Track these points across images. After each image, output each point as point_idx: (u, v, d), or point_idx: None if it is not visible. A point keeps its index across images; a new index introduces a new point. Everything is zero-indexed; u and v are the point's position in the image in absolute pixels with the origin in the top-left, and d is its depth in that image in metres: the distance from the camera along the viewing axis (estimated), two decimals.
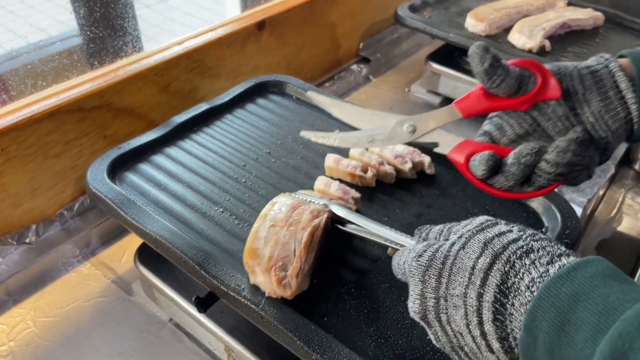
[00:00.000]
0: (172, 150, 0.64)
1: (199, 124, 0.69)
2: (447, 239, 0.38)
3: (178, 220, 0.55)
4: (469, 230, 0.36)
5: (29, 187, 0.63)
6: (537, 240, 0.34)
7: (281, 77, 0.77)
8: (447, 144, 0.47)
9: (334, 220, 0.50)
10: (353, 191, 0.57)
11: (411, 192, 0.60)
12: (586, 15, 0.99)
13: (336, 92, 1.02)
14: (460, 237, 0.36)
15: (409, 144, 0.65)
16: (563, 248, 0.34)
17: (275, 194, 0.57)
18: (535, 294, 0.30)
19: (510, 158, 0.42)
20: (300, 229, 0.47)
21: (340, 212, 0.50)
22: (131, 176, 0.60)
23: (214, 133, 0.68)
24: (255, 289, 0.46)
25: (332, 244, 0.52)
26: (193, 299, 0.48)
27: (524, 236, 0.34)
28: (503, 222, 0.37)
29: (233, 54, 0.81)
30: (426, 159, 0.62)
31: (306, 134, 0.52)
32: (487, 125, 0.48)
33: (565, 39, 0.94)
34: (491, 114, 0.48)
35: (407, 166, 0.61)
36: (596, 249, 0.79)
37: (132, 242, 0.71)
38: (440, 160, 0.64)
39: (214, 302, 0.49)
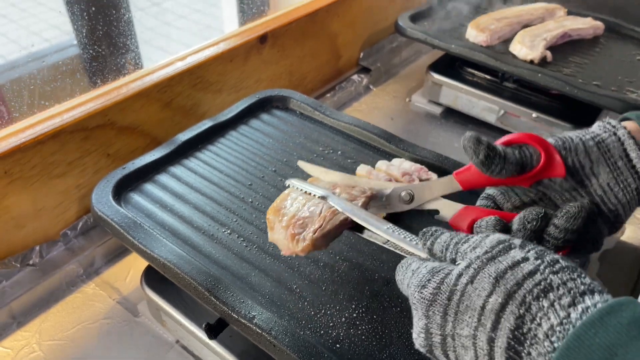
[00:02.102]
0: (177, 170, 0.64)
1: (203, 142, 0.68)
2: (453, 259, 0.36)
3: (185, 243, 0.54)
4: (478, 258, 0.33)
5: (33, 208, 0.62)
6: (556, 273, 0.31)
7: (284, 92, 0.77)
8: (448, 211, 0.46)
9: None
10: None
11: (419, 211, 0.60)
12: (586, 25, 0.99)
13: (337, 102, 1.02)
14: (468, 266, 0.33)
15: (415, 161, 0.65)
16: (587, 280, 0.30)
17: None
18: (560, 344, 0.27)
19: (515, 223, 0.40)
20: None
21: (342, 205, 0.46)
22: (136, 197, 0.60)
23: (219, 150, 0.67)
24: (268, 310, 0.46)
25: (342, 264, 0.52)
26: (203, 325, 0.48)
27: (541, 267, 0.31)
28: (517, 242, 0.33)
29: (235, 68, 0.80)
30: (433, 177, 0.62)
31: (303, 165, 0.53)
32: (490, 189, 0.47)
33: (565, 48, 0.94)
34: None
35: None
36: (599, 259, 0.79)
37: (137, 260, 0.70)
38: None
39: (224, 328, 0.49)
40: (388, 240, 0.42)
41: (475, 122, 0.97)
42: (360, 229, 0.45)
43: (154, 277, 0.58)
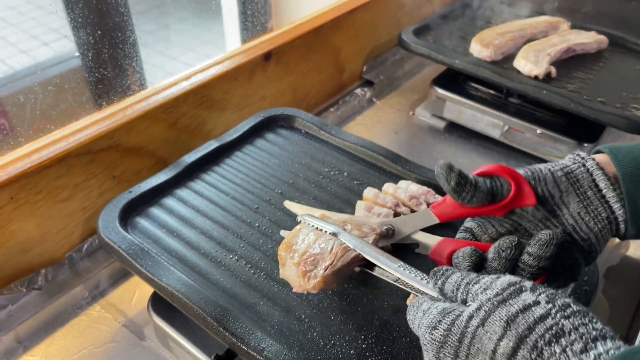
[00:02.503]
0: (183, 192, 0.64)
1: (209, 163, 0.68)
2: (464, 300, 0.36)
3: (193, 270, 0.54)
4: (489, 300, 0.34)
5: (38, 232, 0.62)
6: (568, 317, 0.31)
7: (289, 111, 0.77)
8: (427, 244, 0.48)
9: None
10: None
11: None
12: (590, 39, 0.99)
13: (340, 116, 1.01)
14: (479, 308, 0.34)
15: (422, 182, 0.65)
16: (599, 325, 0.31)
17: None
18: None
19: (490, 253, 0.41)
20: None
21: (353, 241, 0.47)
22: (143, 222, 0.60)
23: (225, 172, 0.67)
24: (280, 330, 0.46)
25: (351, 291, 0.52)
26: (212, 357, 0.48)
27: (552, 311, 0.31)
28: (528, 284, 0.34)
29: (240, 86, 0.80)
30: (440, 200, 0.62)
31: (289, 206, 0.58)
32: (468, 222, 0.48)
33: (569, 63, 0.94)
34: None
35: (422, 207, 0.60)
36: (604, 276, 0.79)
37: (142, 281, 0.70)
38: None
39: (233, 359, 0.49)
40: (399, 279, 0.42)
41: (479, 136, 0.97)
42: (371, 266, 0.45)
43: (161, 303, 0.57)
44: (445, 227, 0.52)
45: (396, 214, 0.59)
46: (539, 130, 0.88)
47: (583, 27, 1.05)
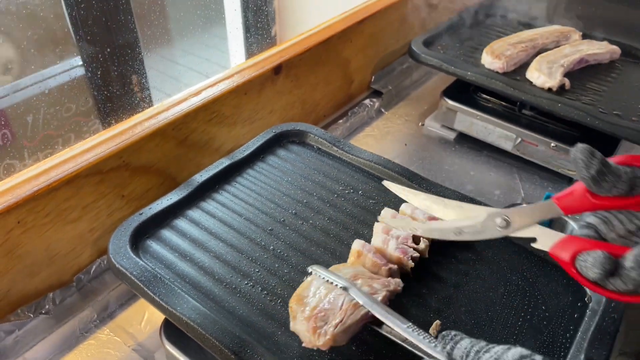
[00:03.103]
0: (194, 213, 0.62)
1: (221, 182, 0.66)
2: None
3: (207, 297, 0.52)
4: None
5: (46, 255, 0.61)
6: None
7: (301, 126, 0.75)
8: (547, 240, 0.43)
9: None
10: (411, 250, 0.55)
11: (447, 257, 0.58)
12: (602, 50, 0.97)
13: (349, 128, 1.00)
14: None
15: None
16: None
17: (307, 263, 0.55)
18: None
19: (629, 261, 0.38)
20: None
21: (363, 298, 0.45)
22: (154, 245, 0.58)
23: (237, 192, 0.66)
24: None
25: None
26: None
27: None
28: (539, 357, 0.33)
29: (250, 100, 0.78)
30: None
31: (389, 186, 0.55)
32: (591, 217, 0.44)
33: (582, 74, 0.93)
34: None
35: None
36: None
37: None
38: None
39: None
40: (406, 339, 0.42)
41: (491, 148, 0.95)
42: (379, 323, 0.45)
43: (174, 330, 0.56)
44: None
45: (415, 238, 0.58)
46: (552, 144, 0.87)
47: (594, 37, 1.03)
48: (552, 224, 0.54)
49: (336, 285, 0.47)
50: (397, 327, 0.42)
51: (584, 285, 0.41)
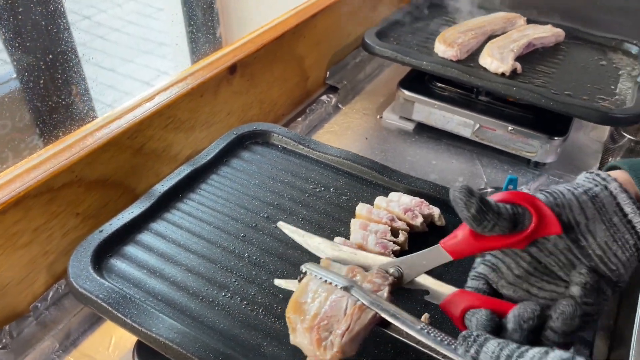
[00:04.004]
0: (159, 226, 0.58)
1: (184, 190, 0.63)
2: None
3: (184, 314, 0.49)
4: None
5: None
6: None
7: (263, 126, 0.72)
8: (438, 293, 0.44)
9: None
10: (391, 244, 0.53)
11: (425, 248, 0.58)
12: (548, 33, 1.00)
13: (309, 126, 0.98)
14: None
15: (412, 192, 0.63)
16: None
17: (285, 268, 0.53)
18: None
19: (510, 322, 0.38)
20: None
21: (368, 298, 0.42)
22: (119, 263, 0.54)
23: (202, 199, 0.62)
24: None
25: None
26: None
27: None
28: None
29: (206, 103, 0.75)
30: (435, 211, 0.59)
31: (283, 227, 0.54)
32: (480, 267, 0.44)
33: (531, 58, 0.95)
34: (485, 253, 0.44)
35: (419, 220, 0.58)
36: None
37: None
38: (449, 210, 0.61)
39: None
40: (420, 341, 0.38)
41: (450, 136, 0.96)
42: (387, 324, 0.41)
43: (149, 353, 0.52)
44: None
45: (393, 230, 0.56)
46: (510, 127, 0.88)
47: (537, 22, 1.06)
48: None
49: (336, 285, 0.43)
50: (410, 330, 0.39)
51: None
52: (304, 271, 0.46)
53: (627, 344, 0.62)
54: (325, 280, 0.44)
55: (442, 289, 0.44)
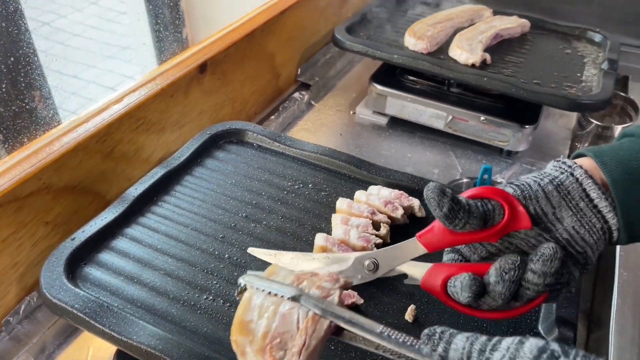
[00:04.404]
0: (134, 231, 0.56)
1: (159, 193, 0.61)
2: None
3: (165, 319, 0.48)
4: None
5: None
6: None
7: (237, 124, 0.71)
8: (416, 272, 0.44)
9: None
10: (374, 237, 0.53)
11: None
12: (514, 24, 1.02)
13: (282, 123, 0.97)
14: None
15: (390, 185, 0.63)
16: None
17: (267, 267, 0.52)
18: None
19: (492, 276, 0.39)
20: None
21: (320, 306, 0.38)
22: (94, 271, 0.52)
23: (178, 201, 0.61)
24: None
25: None
26: None
27: None
28: (557, 347, 0.30)
29: (177, 103, 0.73)
30: (415, 202, 0.59)
31: (254, 252, 0.52)
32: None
33: (499, 49, 0.97)
34: None
35: (399, 212, 0.58)
36: None
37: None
38: None
39: None
40: (380, 345, 0.35)
41: (423, 129, 0.96)
42: (340, 331, 0.38)
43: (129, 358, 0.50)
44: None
45: (374, 223, 0.56)
46: (482, 117, 0.89)
47: (504, 13, 1.08)
48: None
49: (282, 296, 0.39)
50: (369, 334, 0.35)
51: (458, 311, 0.41)
52: (242, 285, 0.41)
53: (605, 326, 0.63)
54: (270, 292, 0.39)
55: (418, 269, 0.44)
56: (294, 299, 0.38)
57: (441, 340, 0.33)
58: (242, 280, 0.41)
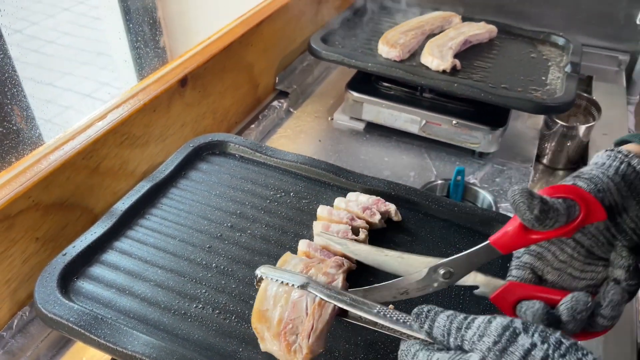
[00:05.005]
0: (123, 244, 0.59)
1: (145, 206, 0.63)
2: (459, 346, 0.35)
3: (157, 328, 0.50)
4: (489, 350, 0.33)
5: None
6: (564, 355, 0.32)
7: (219, 136, 0.74)
8: (488, 287, 0.45)
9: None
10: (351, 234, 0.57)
11: (385, 243, 0.61)
12: (482, 30, 1.06)
13: (262, 132, 0.99)
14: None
15: (368, 191, 0.66)
16: (590, 357, 0.32)
17: (253, 274, 0.54)
18: None
19: (564, 315, 0.40)
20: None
21: (325, 292, 0.44)
22: (86, 285, 0.54)
23: (165, 214, 0.63)
24: None
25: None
26: None
27: (550, 351, 0.32)
28: (519, 325, 0.34)
29: (160, 117, 0.75)
30: (391, 207, 0.63)
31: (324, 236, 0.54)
32: (525, 256, 0.46)
33: (468, 54, 1.01)
34: None
35: (377, 217, 0.61)
36: None
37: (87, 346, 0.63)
38: (404, 205, 0.65)
39: None
40: (377, 323, 0.41)
41: (399, 133, 1.00)
42: (345, 312, 0.43)
43: None
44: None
45: (354, 228, 0.59)
46: (454, 121, 0.93)
47: (472, 19, 1.12)
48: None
49: (292, 285, 0.45)
50: (368, 314, 0.41)
51: None
52: (259, 276, 0.47)
53: None
54: (282, 282, 0.46)
55: (491, 283, 0.45)
56: (303, 286, 0.45)
57: (427, 318, 0.38)
58: (258, 272, 0.48)
